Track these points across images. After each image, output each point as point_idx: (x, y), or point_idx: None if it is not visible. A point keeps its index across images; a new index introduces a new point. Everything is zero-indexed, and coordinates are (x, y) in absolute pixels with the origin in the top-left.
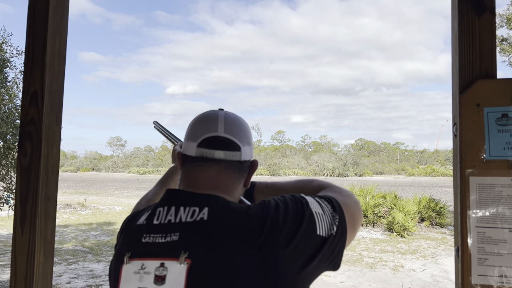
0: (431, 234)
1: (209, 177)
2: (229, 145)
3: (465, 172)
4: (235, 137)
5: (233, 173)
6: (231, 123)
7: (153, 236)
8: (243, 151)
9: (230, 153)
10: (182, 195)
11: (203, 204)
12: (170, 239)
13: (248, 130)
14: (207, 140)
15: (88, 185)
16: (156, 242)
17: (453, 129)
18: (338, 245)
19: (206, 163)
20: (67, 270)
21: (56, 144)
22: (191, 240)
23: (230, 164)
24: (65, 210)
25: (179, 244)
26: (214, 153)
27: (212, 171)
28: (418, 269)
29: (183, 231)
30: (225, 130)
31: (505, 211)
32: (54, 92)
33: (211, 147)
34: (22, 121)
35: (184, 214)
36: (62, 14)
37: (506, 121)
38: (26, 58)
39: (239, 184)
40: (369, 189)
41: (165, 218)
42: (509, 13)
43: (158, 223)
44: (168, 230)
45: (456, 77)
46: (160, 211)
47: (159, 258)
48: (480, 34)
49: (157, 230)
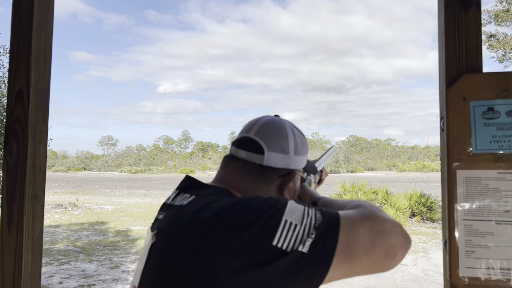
0: (422, 229)
1: (225, 173)
2: (252, 147)
3: (452, 165)
4: (264, 141)
5: (249, 174)
6: (267, 127)
7: (160, 213)
8: (267, 156)
9: (252, 154)
10: (191, 182)
11: (195, 193)
12: (159, 217)
13: (286, 137)
14: (238, 140)
15: (79, 184)
16: (157, 218)
17: (440, 123)
18: (309, 268)
19: (230, 160)
20: (58, 270)
21: (43, 143)
22: (163, 221)
23: (248, 165)
24: (56, 210)
25: (158, 222)
26: (238, 152)
27: (231, 167)
28: (410, 263)
29: (167, 212)
30: (256, 133)
31: (492, 204)
32: (40, 89)
33: (237, 146)
34: (7, 120)
35: (179, 198)
36: (47, 10)
37: (492, 114)
38: (11, 56)
39: (257, 187)
40: (360, 185)
41: (171, 199)
42: (497, 9)
43: (167, 203)
44: (164, 209)
45: (443, 71)
46: (173, 193)
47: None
48: (466, 28)
49: (163, 208)
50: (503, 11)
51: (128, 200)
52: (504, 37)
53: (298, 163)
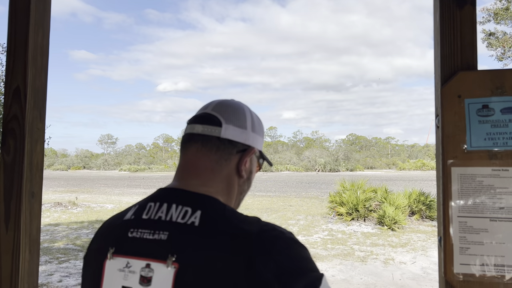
0: (421, 227)
1: (189, 161)
2: (210, 120)
3: (447, 162)
4: (221, 115)
5: (210, 152)
6: (224, 104)
7: (141, 231)
8: (224, 128)
9: (209, 127)
10: (174, 192)
11: (197, 206)
12: (158, 237)
13: (243, 113)
14: (194, 117)
15: (79, 183)
16: (143, 238)
17: (435, 120)
18: None
19: (187, 143)
20: (58, 268)
21: (40, 141)
22: (180, 243)
23: (207, 141)
24: (56, 209)
25: (167, 245)
26: (194, 127)
27: (192, 151)
28: (409, 261)
29: (172, 231)
30: (213, 108)
31: (486, 200)
32: (38, 87)
33: (193, 122)
34: (4, 118)
35: (176, 213)
36: (44, 8)
37: (487, 112)
38: (8, 53)
39: (219, 169)
40: (360, 184)
41: (155, 214)
42: (497, 8)
43: (147, 218)
44: (157, 226)
45: (438, 69)
46: (151, 206)
47: (145, 258)
48: (461, 26)
49: (145, 225)
50: (502, 9)
51: (127, 198)
52: (503, 35)
53: (256, 141)
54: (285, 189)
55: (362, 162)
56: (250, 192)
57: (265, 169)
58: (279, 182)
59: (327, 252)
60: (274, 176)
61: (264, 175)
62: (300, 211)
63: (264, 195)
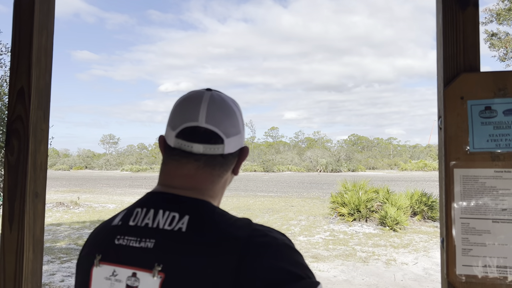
0: (423, 228)
1: (185, 175)
2: (210, 138)
3: (449, 164)
4: (219, 128)
5: (213, 170)
6: (215, 109)
7: (127, 239)
8: (227, 144)
9: (211, 146)
10: (162, 197)
11: (184, 211)
12: (145, 245)
13: (235, 116)
14: (186, 131)
15: (81, 183)
16: (129, 246)
17: (438, 122)
18: None
19: (183, 158)
20: (60, 268)
21: (44, 141)
22: (166, 251)
23: (210, 160)
24: (58, 209)
25: (153, 253)
26: (193, 146)
27: (190, 168)
28: (411, 262)
29: (159, 239)
30: (207, 120)
31: (489, 202)
32: (41, 88)
33: (189, 139)
34: (9, 118)
35: (163, 220)
36: (49, 9)
37: (489, 113)
38: (12, 55)
39: (219, 180)
40: (362, 184)
41: (142, 220)
42: (499, 8)
43: (134, 224)
44: (143, 234)
45: (441, 70)
46: (138, 212)
47: (131, 267)
48: (464, 28)
49: (132, 232)
50: (505, 10)
51: (129, 198)
52: (506, 36)
53: (244, 137)
54: (286, 189)
55: (364, 163)
56: (252, 192)
57: (267, 169)
58: (280, 182)
59: (329, 252)
60: (276, 177)
61: (265, 176)
62: (301, 212)
63: (265, 196)
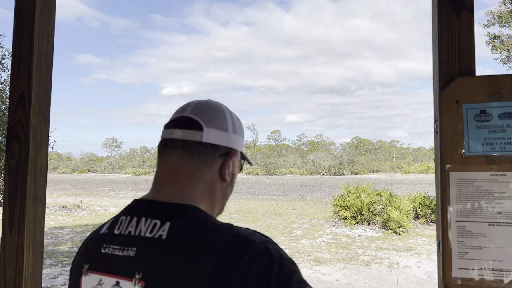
0: (426, 231)
1: (168, 170)
2: (189, 124)
3: (445, 167)
4: (201, 118)
5: (191, 159)
6: (202, 106)
7: (112, 247)
8: (206, 132)
9: (189, 132)
10: (145, 204)
11: (166, 218)
12: (127, 254)
13: (223, 115)
14: (171, 121)
15: (83, 186)
16: (114, 255)
17: (434, 125)
18: None
19: (166, 149)
20: (62, 271)
21: (44, 145)
22: (147, 259)
23: (188, 147)
24: (60, 212)
25: (134, 261)
26: (173, 132)
27: (171, 161)
28: (413, 266)
29: (140, 247)
30: (191, 111)
31: (484, 205)
32: (42, 93)
33: (171, 126)
34: (9, 123)
35: (144, 227)
36: (49, 14)
37: (485, 117)
38: (13, 59)
39: (201, 175)
40: (364, 187)
41: (125, 228)
42: (501, 11)
43: (118, 233)
44: (126, 242)
45: (437, 74)
46: (122, 220)
47: (115, 275)
48: (459, 32)
49: (116, 241)
50: (507, 12)
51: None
52: (508, 38)
53: (237, 143)
54: (289, 192)
55: (366, 166)
56: (254, 195)
57: (269, 172)
58: (283, 185)
59: (331, 256)
60: (279, 180)
61: (268, 179)
62: (304, 215)
63: (268, 199)
